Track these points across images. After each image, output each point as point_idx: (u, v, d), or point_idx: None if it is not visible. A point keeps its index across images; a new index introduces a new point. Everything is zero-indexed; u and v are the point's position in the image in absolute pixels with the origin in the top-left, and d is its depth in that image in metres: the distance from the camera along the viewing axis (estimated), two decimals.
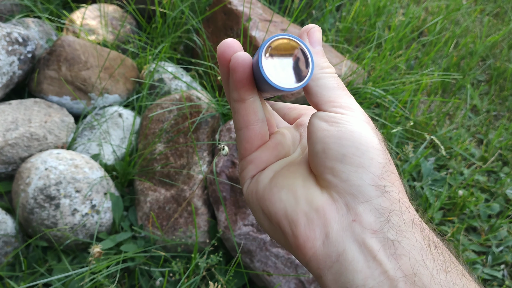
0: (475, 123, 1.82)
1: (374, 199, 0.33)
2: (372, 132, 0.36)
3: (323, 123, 0.36)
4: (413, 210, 0.34)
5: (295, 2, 1.83)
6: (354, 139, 0.34)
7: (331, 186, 0.35)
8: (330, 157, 0.35)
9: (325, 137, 0.35)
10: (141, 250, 1.17)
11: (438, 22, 2.12)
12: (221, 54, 0.37)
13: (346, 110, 0.37)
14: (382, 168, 0.34)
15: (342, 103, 0.37)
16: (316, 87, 0.38)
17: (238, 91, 0.37)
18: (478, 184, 1.57)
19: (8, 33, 1.31)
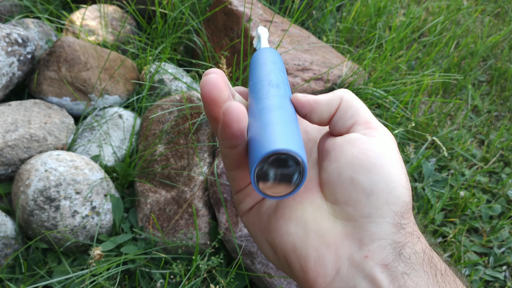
0: (476, 124, 1.82)
1: (391, 236, 0.32)
2: (401, 164, 0.34)
3: (354, 149, 0.34)
4: (424, 239, 0.34)
5: (295, 3, 1.82)
6: (385, 173, 0.33)
7: (350, 218, 0.33)
8: (357, 189, 0.33)
9: (355, 166, 0.33)
10: (142, 252, 1.17)
11: (439, 23, 2.12)
12: (206, 96, 0.33)
13: (377, 132, 0.35)
14: (406, 206, 0.33)
15: (376, 125, 0.36)
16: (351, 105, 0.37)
17: (231, 141, 0.33)
18: (480, 185, 1.57)
19: (7, 33, 1.30)
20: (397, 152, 0.35)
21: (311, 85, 1.46)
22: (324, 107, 0.36)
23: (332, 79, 1.51)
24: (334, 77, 1.52)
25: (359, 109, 0.36)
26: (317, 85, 1.48)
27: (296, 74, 1.46)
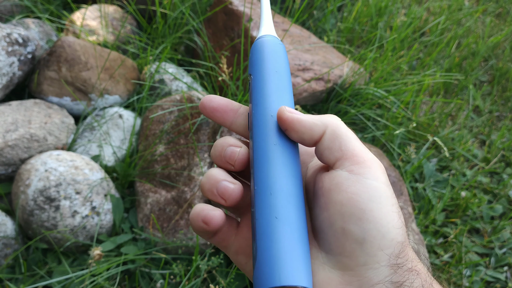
0: (477, 124, 1.81)
1: (388, 277, 0.32)
2: (392, 200, 0.34)
3: (342, 195, 0.34)
4: (423, 272, 0.33)
5: (296, 3, 1.82)
6: (376, 219, 0.33)
7: (346, 268, 0.33)
8: (350, 239, 0.33)
9: (345, 215, 0.33)
10: (142, 252, 1.17)
11: (440, 23, 2.11)
12: None
13: (365, 168, 0.35)
14: (400, 246, 0.33)
15: (363, 157, 0.35)
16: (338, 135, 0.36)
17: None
18: (481, 185, 1.56)
19: (8, 33, 1.30)
20: (386, 186, 0.34)
21: (312, 85, 1.46)
22: (306, 129, 0.36)
23: (333, 79, 1.51)
24: (335, 77, 1.51)
25: (346, 140, 0.36)
26: (318, 85, 1.48)
27: (297, 74, 1.46)
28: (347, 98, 1.51)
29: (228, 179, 0.37)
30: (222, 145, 0.38)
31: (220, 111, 0.41)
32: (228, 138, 0.39)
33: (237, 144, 0.38)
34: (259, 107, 0.38)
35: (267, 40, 0.43)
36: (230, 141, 0.39)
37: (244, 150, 0.38)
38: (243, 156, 0.38)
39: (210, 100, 0.41)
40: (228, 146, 0.38)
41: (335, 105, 1.54)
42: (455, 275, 1.29)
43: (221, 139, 0.39)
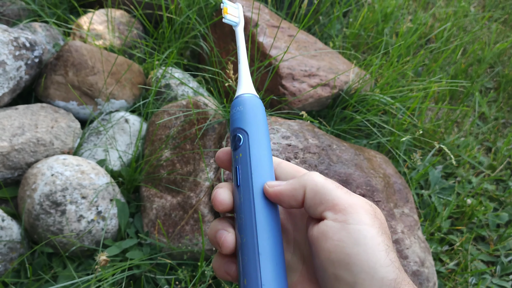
0: (483, 131, 1.81)
1: None
2: (378, 239, 0.36)
3: (328, 243, 0.36)
4: None
5: (302, 8, 1.82)
6: (363, 261, 0.35)
7: None
8: (342, 284, 0.35)
9: (334, 262, 0.36)
10: (147, 257, 1.16)
11: (446, 29, 2.11)
12: None
13: (347, 215, 0.37)
14: (394, 283, 0.34)
15: (344, 204, 0.38)
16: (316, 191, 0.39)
17: None
18: (487, 192, 1.56)
19: (15, 37, 1.31)
20: (371, 226, 0.36)
21: (318, 91, 1.46)
22: (290, 197, 0.40)
23: (338, 85, 1.51)
24: (340, 83, 1.51)
25: (325, 192, 0.39)
26: (323, 91, 1.48)
27: (302, 80, 1.46)
28: (352, 104, 1.51)
29: (225, 228, 0.42)
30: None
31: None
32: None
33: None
34: (245, 178, 0.43)
35: (252, 99, 0.47)
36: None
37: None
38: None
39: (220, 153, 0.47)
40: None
41: (341, 111, 1.54)
42: (460, 283, 1.29)
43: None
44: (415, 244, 1.12)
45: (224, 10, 0.52)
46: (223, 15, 0.52)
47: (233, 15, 0.53)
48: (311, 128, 1.29)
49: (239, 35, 0.53)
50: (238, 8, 0.55)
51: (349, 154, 1.23)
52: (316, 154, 1.19)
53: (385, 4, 2.07)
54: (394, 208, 1.19)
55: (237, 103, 0.47)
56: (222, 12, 0.53)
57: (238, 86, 0.49)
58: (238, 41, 0.53)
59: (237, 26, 0.53)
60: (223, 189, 0.43)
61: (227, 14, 0.52)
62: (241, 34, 0.53)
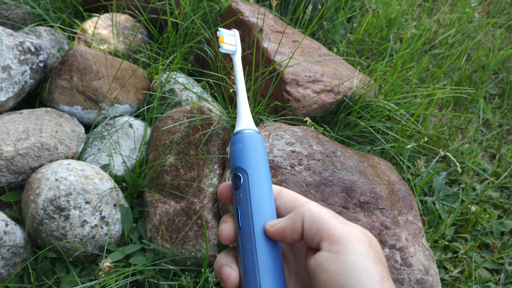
0: (487, 138, 1.80)
1: None
2: (372, 269, 0.37)
3: (324, 275, 0.38)
4: None
5: (306, 14, 1.82)
6: None
7: None
8: None
9: None
10: (150, 263, 1.16)
11: (450, 35, 2.11)
12: None
13: (342, 245, 0.38)
14: None
15: (339, 234, 0.39)
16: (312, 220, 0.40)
17: None
18: (491, 200, 1.55)
19: (20, 42, 1.31)
20: (365, 256, 0.37)
21: (322, 96, 1.46)
22: (292, 232, 0.41)
23: (342, 91, 1.50)
24: (344, 89, 1.51)
25: (320, 222, 0.40)
26: (327, 97, 1.48)
27: (307, 85, 1.46)
28: (356, 110, 1.51)
29: (229, 264, 0.44)
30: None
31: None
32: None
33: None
34: (246, 220, 0.44)
35: (251, 136, 0.47)
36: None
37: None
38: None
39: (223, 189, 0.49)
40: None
41: (345, 117, 1.54)
42: None
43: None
44: (419, 252, 1.12)
45: (220, 40, 0.52)
46: (220, 45, 0.52)
47: (229, 44, 0.53)
48: (315, 135, 1.28)
49: (237, 64, 0.52)
50: (234, 35, 0.54)
51: (353, 161, 1.22)
52: (320, 161, 1.18)
53: (390, 10, 2.07)
54: (398, 215, 1.18)
55: (236, 140, 0.47)
56: (218, 41, 0.52)
57: (237, 121, 0.49)
58: (236, 71, 0.52)
59: (234, 54, 0.53)
60: (228, 224, 0.45)
61: (223, 44, 0.52)
62: (238, 63, 0.53)
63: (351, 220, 1.11)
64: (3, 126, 1.23)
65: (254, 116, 1.34)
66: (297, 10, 1.91)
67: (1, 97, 1.27)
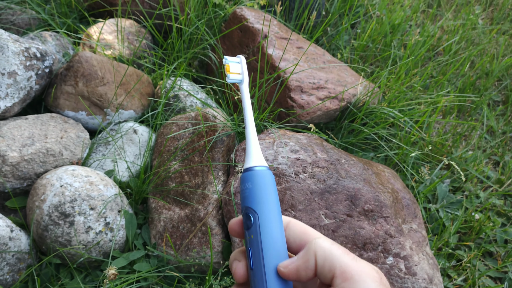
0: (491, 145, 1.80)
1: None
2: None
3: None
4: None
5: (311, 20, 1.83)
6: None
7: None
8: None
9: None
10: (154, 269, 1.16)
11: (454, 42, 2.11)
12: None
13: (354, 283, 0.39)
14: None
15: (351, 272, 0.39)
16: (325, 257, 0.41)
17: None
18: (495, 207, 1.55)
19: (26, 48, 1.32)
20: None
21: (326, 103, 1.46)
22: (306, 271, 0.42)
23: (346, 98, 1.51)
24: (348, 95, 1.51)
25: (332, 259, 0.41)
26: (331, 104, 1.48)
27: (311, 92, 1.46)
28: (360, 117, 1.51)
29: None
30: (232, 259, 0.47)
31: None
32: (237, 252, 0.48)
33: (239, 259, 0.46)
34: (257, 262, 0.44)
35: (262, 175, 0.46)
36: (236, 255, 0.47)
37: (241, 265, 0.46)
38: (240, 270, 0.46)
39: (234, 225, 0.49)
40: (234, 260, 0.47)
41: (348, 124, 1.54)
42: None
43: (233, 252, 0.48)
44: (423, 260, 1.12)
45: (226, 69, 0.50)
46: (226, 75, 0.50)
47: (236, 73, 0.51)
48: (319, 142, 1.29)
49: (244, 94, 0.51)
50: (241, 62, 0.52)
51: (357, 169, 1.23)
52: (324, 169, 1.18)
53: (394, 16, 2.07)
54: (402, 223, 1.18)
55: (246, 178, 0.46)
56: (224, 71, 0.51)
57: (247, 156, 0.48)
58: (244, 101, 0.50)
59: (241, 83, 0.51)
60: (241, 263, 0.45)
61: (229, 74, 0.50)
62: (246, 93, 0.51)
63: (355, 228, 1.11)
64: (8, 132, 1.23)
65: (259, 123, 1.34)
66: (301, 17, 1.91)
67: (6, 102, 1.27)
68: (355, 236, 1.11)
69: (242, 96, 0.51)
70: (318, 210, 1.13)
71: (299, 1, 1.90)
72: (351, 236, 1.11)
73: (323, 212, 1.13)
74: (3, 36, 1.28)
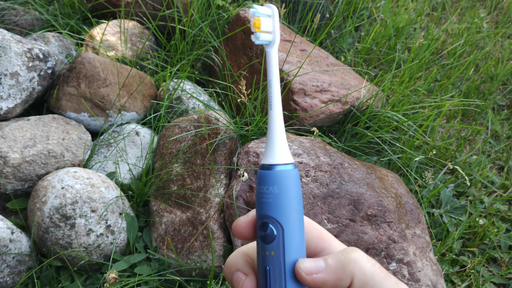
0: (495, 150, 1.79)
1: None
2: None
3: None
4: None
5: (314, 22, 1.82)
6: None
7: None
8: None
9: None
10: (155, 273, 1.16)
11: (459, 46, 2.10)
12: None
13: None
14: None
15: None
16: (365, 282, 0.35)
17: None
18: (499, 213, 1.54)
19: (29, 49, 1.31)
20: None
21: (329, 106, 1.45)
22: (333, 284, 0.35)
23: (350, 101, 1.50)
24: (352, 98, 1.50)
25: (375, 284, 0.35)
26: (335, 107, 1.47)
27: (314, 95, 1.45)
28: (364, 121, 1.50)
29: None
30: (231, 268, 0.39)
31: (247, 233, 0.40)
32: (239, 259, 0.39)
33: (244, 270, 0.38)
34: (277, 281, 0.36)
35: (291, 176, 0.36)
36: (239, 264, 0.38)
37: (249, 282, 0.37)
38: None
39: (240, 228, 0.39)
40: (236, 270, 0.38)
41: (352, 127, 1.53)
42: None
43: (232, 257, 0.39)
44: (427, 266, 1.11)
45: (255, 25, 0.35)
46: (254, 33, 0.35)
47: (266, 31, 0.36)
48: (322, 146, 1.28)
49: (273, 60, 0.36)
50: (273, 15, 0.36)
51: (361, 173, 1.21)
52: (327, 173, 1.17)
53: (398, 19, 2.07)
54: (406, 229, 1.17)
55: (269, 179, 0.35)
56: (252, 26, 0.35)
57: (269, 148, 0.37)
58: (271, 70, 0.36)
59: (271, 46, 0.37)
60: (249, 280, 0.38)
61: (259, 32, 0.35)
62: (275, 59, 0.36)
63: (358, 233, 1.10)
64: (10, 133, 1.23)
65: (261, 126, 1.33)
66: (305, 19, 1.91)
67: (8, 103, 1.27)
68: (358, 241, 1.10)
69: (269, 63, 0.36)
70: (321, 215, 1.12)
71: (303, 4, 1.89)
72: (354, 241, 1.10)
73: (326, 217, 1.12)
74: (6, 37, 1.28)
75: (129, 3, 1.75)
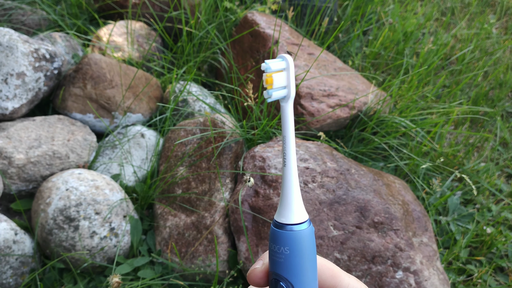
0: (504, 157, 1.77)
1: None
2: None
3: None
4: None
5: (322, 26, 1.81)
6: None
7: None
8: None
9: None
10: (158, 277, 1.14)
11: (468, 51, 2.08)
12: None
13: None
14: None
15: None
16: None
17: None
18: (507, 222, 1.52)
19: (36, 49, 1.31)
20: None
21: (336, 111, 1.43)
22: None
23: (357, 106, 1.48)
24: (359, 103, 1.49)
25: None
26: (342, 112, 1.46)
27: (321, 100, 1.44)
28: (371, 126, 1.48)
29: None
30: None
31: None
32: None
33: None
34: None
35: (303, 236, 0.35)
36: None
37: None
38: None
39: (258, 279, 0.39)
40: None
41: (359, 133, 1.51)
42: None
43: None
44: (434, 276, 1.09)
45: (268, 82, 0.32)
46: (267, 90, 0.32)
47: (280, 86, 0.33)
48: (329, 151, 1.26)
49: (288, 115, 0.34)
50: (288, 68, 0.33)
51: (367, 179, 1.20)
52: (334, 179, 1.16)
53: (407, 24, 2.05)
54: (413, 236, 1.15)
55: (280, 239, 0.35)
56: (265, 83, 0.32)
57: (283, 205, 0.35)
58: (287, 125, 0.34)
59: (286, 100, 0.34)
60: None
61: (272, 89, 0.33)
62: (290, 113, 0.34)
63: (364, 240, 1.09)
64: (15, 133, 1.22)
65: (268, 130, 1.32)
66: (313, 22, 1.89)
67: (14, 103, 1.26)
68: (364, 248, 1.08)
69: (284, 119, 0.34)
70: (327, 221, 1.10)
71: (311, 7, 1.88)
72: (360, 248, 1.08)
73: (332, 223, 1.10)
74: (13, 37, 1.28)
75: (136, 4, 1.75)
